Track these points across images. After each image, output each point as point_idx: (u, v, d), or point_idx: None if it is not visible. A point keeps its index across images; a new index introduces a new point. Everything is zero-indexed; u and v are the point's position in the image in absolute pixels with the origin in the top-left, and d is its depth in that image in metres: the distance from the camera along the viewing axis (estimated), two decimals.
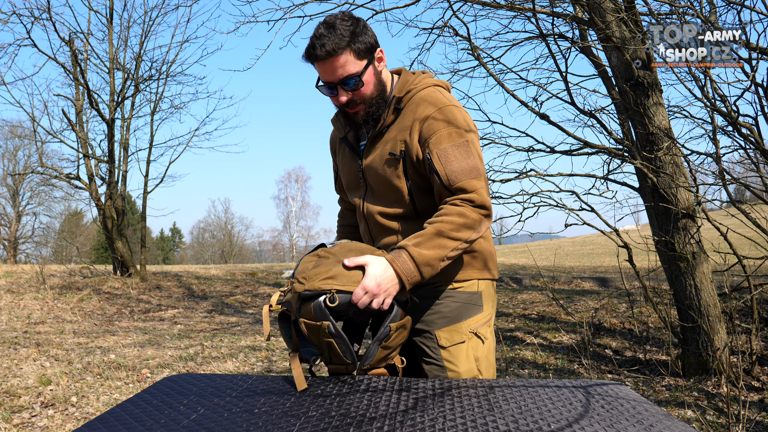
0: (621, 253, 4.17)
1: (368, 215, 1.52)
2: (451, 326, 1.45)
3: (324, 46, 1.33)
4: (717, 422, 3.03)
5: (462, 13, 6.78)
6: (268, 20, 4.95)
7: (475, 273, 1.48)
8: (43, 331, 6.04)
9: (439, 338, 1.44)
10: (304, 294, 1.24)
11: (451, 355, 1.44)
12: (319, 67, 1.38)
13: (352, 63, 1.36)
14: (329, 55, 1.34)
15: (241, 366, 4.49)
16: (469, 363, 1.44)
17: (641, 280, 4.01)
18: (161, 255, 44.33)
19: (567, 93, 4.12)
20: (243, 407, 1.08)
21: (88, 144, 9.75)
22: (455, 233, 1.30)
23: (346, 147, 1.56)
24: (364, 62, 1.38)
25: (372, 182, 1.49)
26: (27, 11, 10.04)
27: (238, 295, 9.12)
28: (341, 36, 1.34)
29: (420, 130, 1.40)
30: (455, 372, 1.43)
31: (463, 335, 1.45)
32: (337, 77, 1.37)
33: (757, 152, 3.45)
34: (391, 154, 1.42)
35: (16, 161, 30.26)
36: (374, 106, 1.43)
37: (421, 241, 1.29)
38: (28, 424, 3.14)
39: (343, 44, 1.34)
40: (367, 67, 1.39)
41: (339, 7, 4.67)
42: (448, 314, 1.45)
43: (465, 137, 1.38)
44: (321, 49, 1.33)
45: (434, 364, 1.45)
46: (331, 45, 1.33)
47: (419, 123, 1.40)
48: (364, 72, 1.38)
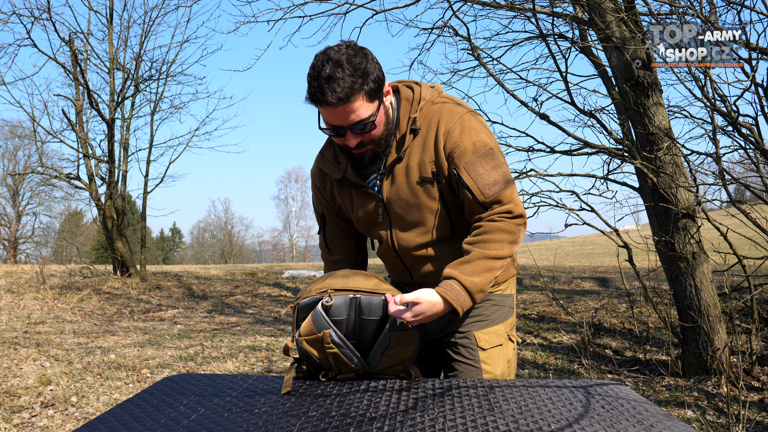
0: (621, 253, 4.17)
1: (402, 250, 1.42)
2: (490, 328, 1.44)
3: (335, 92, 1.18)
4: (717, 422, 3.03)
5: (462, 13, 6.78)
6: (268, 20, 4.95)
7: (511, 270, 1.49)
8: (43, 331, 6.04)
9: (478, 339, 1.43)
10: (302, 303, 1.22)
11: (489, 357, 1.43)
12: (325, 111, 1.24)
13: (365, 107, 1.23)
14: (341, 102, 1.19)
15: (241, 366, 4.49)
16: (503, 365, 1.45)
17: (641, 280, 4.01)
18: (161, 255, 44.32)
19: (567, 93, 4.12)
20: (243, 407, 1.08)
21: (88, 144, 9.75)
22: (500, 252, 1.26)
23: (349, 186, 1.42)
24: (375, 103, 1.26)
25: (401, 212, 1.38)
26: (27, 11, 10.05)
27: (238, 295, 9.12)
28: (353, 79, 1.19)
29: (444, 145, 1.30)
30: (491, 374, 1.43)
31: (501, 338, 1.45)
32: (348, 122, 1.24)
33: (757, 152, 3.45)
34: (423, 178, 1.32)
35: (16, 161, 30.27)
36: (382, 145, 1.33)
37: (470, 269, 1.24)
38: (28, 424, 3.14)
39: (357, 87, 1.20)
40: (379, 107, 1.27)
41: (339, 6, 4.67)
42: (488, 317, 1.45)
43: (489, 145, 1.31)
44: (332, 95, 1.18)
45: (470, 365, 1.42)
46: (344, 91, 1.18)
47: (443, 138, 1.30)
48: (377, 114, 1.26)
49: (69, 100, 9.93)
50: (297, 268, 13.78)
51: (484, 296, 1.29)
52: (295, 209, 42.32)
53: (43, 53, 9.13)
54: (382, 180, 1.36)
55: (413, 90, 1.37)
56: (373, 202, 1.40)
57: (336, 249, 1.58)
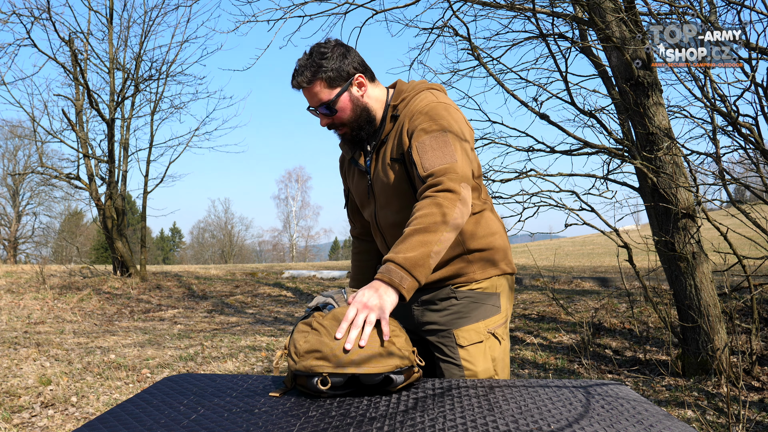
0: (621, 253, 4.17)
1: (382, 228, 1.54)
2: (470, 326, 1.47)
3: (295, 77, 1.45)
4: (717, 422, 3.03)
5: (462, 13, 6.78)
6: (268, 20, 4.95)
7: (493, 270, 1.50)
8: (43, 331, 6.04)
9: (457, 337, 1.46)
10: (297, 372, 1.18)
11: (469, 354, 1.45)
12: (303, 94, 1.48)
13: (325, 92, 1.44)
14: (300, 86, 1.45)
15: (241, 366, 4.49)
16: (486, 363, 1.46)
17: (641, 280, 4.01)
18: (161, 255, 44.34)
19: (567, 93, 4.12)
20: (243, 407, 1.09)
21: (88, 144, 9.76)
22: (431, 223, 1.24)
23: (355, 167, 1.60)
24: (336, 90, 1.44)
25: (378, 193, 1.51)
26: (27, 11, 10.06)
27: (238, 295, 9.12)
28: (312, 67, 1.42)
29: (408, 128, 1.43)
30: (472, 371, 1.44)
31: (481, 335, 1.47)
32: (314, 104, 1.47)
33: (757, 152, 3.45)
34: (393, 159, 1.45)
35: (16, 161, 30.29)
36: (357, 129, 1.49)
37: (403, 247, 1.23)
38: (28, 424, 3.14)
39: (311, 76, 1.43)
40: (340, 94, 1.45)
41: (339, 6, 4.67)
42: (467, 314, 1.47)
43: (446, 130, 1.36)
44: (293, 81, 1.46)
45: (451, 362, 1.46)
46: (302, 77, 1.43)
47: (408, 121, 1.44)
48: (337, 100, 1.45)
49: (69, 100, 9.93)
50: (297, 268, 13.78)
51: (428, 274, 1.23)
52: (295, 209, 42.35)
53: (43, 53, 9.14)
54: (371, 161, 1.53)
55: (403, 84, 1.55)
56: (365, 180, 1.57)
57: (355, 223, 1.77)
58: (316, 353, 1.13)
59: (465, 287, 1.49)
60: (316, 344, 1.14)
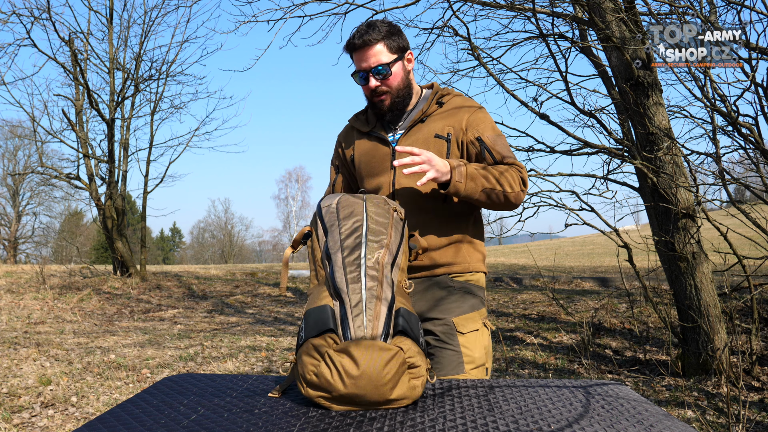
0: (621, 253, 4.17)
1: (400, 195, 1.61)
2: (467, 315, 1.57)
3: (362, 36, 1.55)
4: (717, 422, 3.03)
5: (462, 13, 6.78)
6: (268, 20, 4.95)
7: (481, 265, 1.65)
8: (43, 331, 6.04)
9: (457, 325, 1.55)
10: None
11: (468, 341, 1.54)
12: (355, 56, 1.58)
13: (384, 54, 1.56)
14: (365, 45, 1.55)
15: (241, 366, 4.49)
16: (481, 350, 1.56)
17: (641, 280, 4.01)
18: (161, 255, 44.33)
19: (567, 93, 4.12)
20: (243, 407, 1.08)
21: (88, 144, 9.76)
22: (500, 177, 1.50)
23: (367, 139, 1.69)
24: (394, 56, 1.58)
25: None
26: (27, 11, 10.07)
27: (238, 295, 9.12)
28: (378, 31, 1.56)
29: (468, 120, 1.60)
30: (470, 356, 1.53)
31: (477, 324, 1.58)
32: (369, 65, 1.56)
33: (757, 152, 3.45)
34: (438, 135, 1.60)
35: (16, 161, 30.27)
36: (399, 98, 1.61)
37: (478, 166, 1.50)
38: (28, 424, 3.14)
39: (378, 36, 1.55)
40: (396, 61, 1.58)
41: (339, 6, 4.67)
42: (463, 304, 1.57)
43: (502, 134, 1.62)
44: (359, 39, 1.55)
45: (450, 349, 1.53)
46: (368, 36, 1.55)
47: (467, 114, 1.61)
48: (393, 64, 1.57)
49: (69, 100, 9.93)
50: (297, 268, 13.78)
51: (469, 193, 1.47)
52: (295, 209, 42.32)
53: (43, 53, 9.14)
54: (401, 136, 1.64)
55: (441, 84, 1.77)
56: (387, 150, 1.65)
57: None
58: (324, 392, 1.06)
59: (460, 277, 1.59)
60: (325, 384, 1.05)
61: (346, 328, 1.07)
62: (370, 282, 1.12)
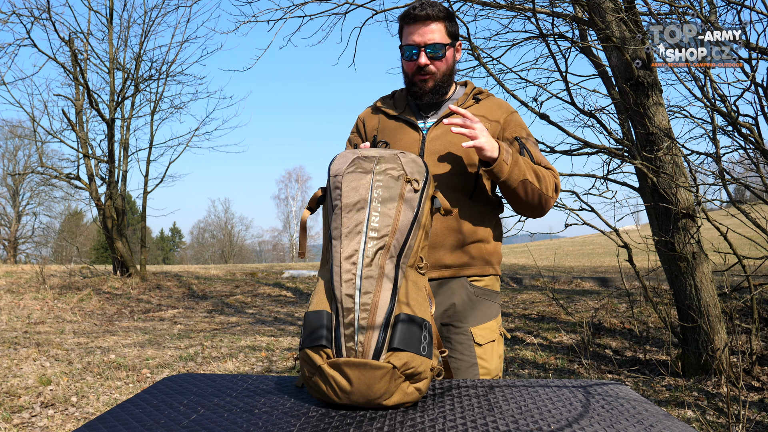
0: (621, 253, 4.17)
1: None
2: (485, 324, 1.50)
3: (425, 9, 1.51)
4: (717, 422, 3.03)
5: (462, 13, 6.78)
6: (268, 20, 4.96)
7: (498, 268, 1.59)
8: (43, 331, 6.04)
9: (475, 335, 1.48)
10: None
11: (485, 353, 1.49)
12: (410, 28, 1.53)
13: (442, 35, 1.54)
14: (428, 18, 1.52)
15: (241, 366, 4.49)
16: (496, 361, 1.51)
17: (641, 280, 4.01)
18: (161, 255, 44.31)
19: (567, 93, 4.12)
20: (243, 407, 1.08)
21: (88, 144, 9.75)
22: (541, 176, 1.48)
23: (393, 123, 1.63)
24: (450, 40, 1.56)
25: (435, 151, 1.54)
26: (27, 11, 10.06)
27: (238, 295, 9.12)
28: (439, 9, 1.54)
29: (506, 119, 1.59)
30: (486, 369, 1.48)
31: (494, 334, 1.52)
32: (425, 40, 1.52)
33: (757, 152, 3.46)
34: None
35: (16, 161, 30.26)
36: (441, 82, 1.57)
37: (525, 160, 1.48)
38: (28, 424, 3.14)
39: (441, 15, 1.54)
40: (450, 46, 1.56)
41: (339, 6, 4.67)
42: (483, 312, 1.51)
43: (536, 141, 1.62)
44: (422, 10, 1.51)
45: (467, 360, 1.47)
46: (432, 11, 1.52)
47: (506, 114, 1.59)
48: (447, 47, 1.55)
49: (69, 100, 9.93)
50: (297, 268, 13.77)
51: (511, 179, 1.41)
52: (295, 209, 42.32)
53: (43, 53, 9.14)
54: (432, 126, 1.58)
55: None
56: (416, 135, 1.58)
57: None
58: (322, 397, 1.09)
59: (479, 282, 1.53)
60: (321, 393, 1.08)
61: (339, 344, 1.05)
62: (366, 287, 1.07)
